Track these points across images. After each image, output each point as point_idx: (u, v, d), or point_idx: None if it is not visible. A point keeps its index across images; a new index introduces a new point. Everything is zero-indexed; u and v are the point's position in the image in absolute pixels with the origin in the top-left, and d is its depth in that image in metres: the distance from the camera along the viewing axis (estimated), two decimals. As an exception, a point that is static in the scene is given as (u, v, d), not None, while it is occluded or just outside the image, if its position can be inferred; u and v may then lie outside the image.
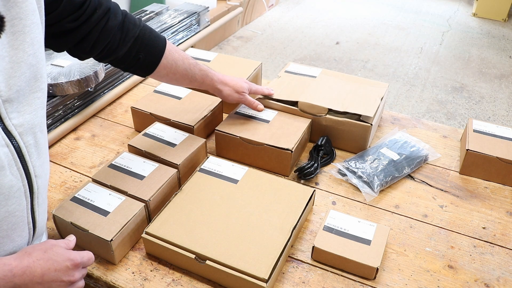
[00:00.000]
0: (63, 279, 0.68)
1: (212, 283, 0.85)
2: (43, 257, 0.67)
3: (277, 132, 1.13)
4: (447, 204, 1.05)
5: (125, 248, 0.90)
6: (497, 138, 1.15)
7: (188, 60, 1.02)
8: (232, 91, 1.11)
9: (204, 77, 1.06)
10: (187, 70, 1.02)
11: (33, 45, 0.62)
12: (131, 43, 0.90)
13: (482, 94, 3.13)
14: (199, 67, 1.04)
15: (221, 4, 3.59)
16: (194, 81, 1.05)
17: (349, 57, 3.61)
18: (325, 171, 1.14)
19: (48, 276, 0.66)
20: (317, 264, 0.90)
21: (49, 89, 1.22)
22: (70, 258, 0.70)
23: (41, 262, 0.66)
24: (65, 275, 0.68)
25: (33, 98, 0.65)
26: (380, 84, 1.30)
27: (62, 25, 0.78)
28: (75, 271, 0.70)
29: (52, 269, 0.66)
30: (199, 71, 1.04)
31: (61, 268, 0.68)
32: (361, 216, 1.01)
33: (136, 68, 0.96)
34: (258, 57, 3.59)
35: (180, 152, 1.06)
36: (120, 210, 0.90)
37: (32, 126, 0.65)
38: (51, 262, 0.67)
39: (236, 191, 0.97)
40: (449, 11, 4.60)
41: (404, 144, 1.18)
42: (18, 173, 0.64)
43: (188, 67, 1.02)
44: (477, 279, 0.88)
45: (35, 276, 0.64)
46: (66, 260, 0.69)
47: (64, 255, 0.69)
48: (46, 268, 0.66)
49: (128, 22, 0.89)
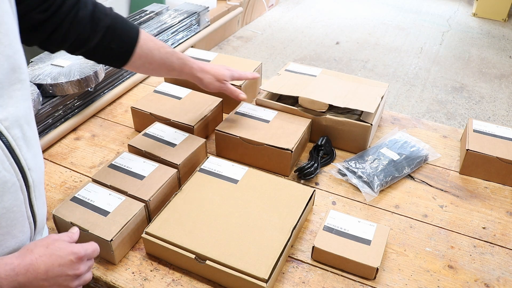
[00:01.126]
0: (68, 273, 0.67)
1: (212, 283, 0.85)
2: (45, 252, 0.66)
3: (277, 132, 1.13)
4: (447, 204, 1.05)
5: (125, 248, 0.90)
6: (497, 138, 1.15)
7: (164, 49, 0.98)
8: (213, 79, 1.07)
9: (182, 65, 1.02)
10: (164, 59, 0.98)
11: (7, 36, 0.60)
12: (102, 32, 0.87)
13: (482, 94, 3.13)
14: (177, 55, 1.01)
15: (221, 4, 3.59)
16: (172, 70, 1.01)
17: (349, 57, 3.61)
18: (325, 171, 1.14)
19: (52, 272, 0.65)
20: (317, 264, 0.90)
21: (49, 89, 1.22)
22: (74, 251, 0.68)
23: (44, 258, 0.65)
24: (69, 269, 0.67)
25: (13, 90, 0.63)
26: (380, 84, 1.30)
27: (31, 17, 0.76)
28: (79, 264, 0.69)
29: (56, 264, 0.66)
30: (177, 59, 1.01)
31: (65, 262, 0.67)
32: (361, 216, 1.01)
33: (109, 59, 0.93)
34: (258, 57, 3.59)
35: (180, 152, 1.06)
36: (120, 210, 0.90)
37: (16, 119, 0.63)
38: (54, 258, 0.66)
39: (236, 191, 0.97)
40: (449, 11, 4.60)
41: (404, 144, 1.18)
42: (11, 167, 0.62)
43: (165, 56, 0.98)
44: (477, 279, 0.88)
45: (39, 273, 0.64)
46: (70, 254, 0.68)
47: (67, 249, 0.68)
48: (50, 264, 0.65)
49: (99, 11, 0.86)
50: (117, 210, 0.90)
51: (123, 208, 0.91)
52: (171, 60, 1.00)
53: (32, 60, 1.33)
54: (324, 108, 1.18)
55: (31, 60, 1.33)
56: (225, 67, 1.12)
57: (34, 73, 1.25)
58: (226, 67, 1.12)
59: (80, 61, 1.31)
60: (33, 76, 1.24)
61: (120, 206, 0.91)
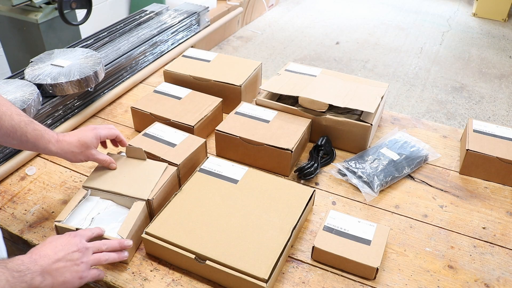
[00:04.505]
0: (72, 249, 0.76)
1: (212, 283, 0.85)
2: (47, 242, 0.76)
3: (277, 132, 1.13)
4: (447, 204, 1.05)
5: (134, 247, 0.90)
6: (497, 138, 1.15)
7: (19, 117, 0.85)
8: (75, 152, 0.92)
9: (38, 137, 0.87)
10: (15, 127, 0.84)
11: None
12: None
13: (482, 94, 3.13)
14: (34, 126, 0.87)
15: (221, 4, 3.59)
16: (25, 141, 0.87)
17: (349, 57, 3.61)
18: (325, 171, 1.14)
19: (60, 252, 0.74)
20: (317, 264, 0.90)
21: (49, 89, 1.22)
22: (69, 233, 0.79)
23: (46, 245, 0.75)
24: (72, 246, 0.76)
25: None
26: (380, 84, 1.30)
27: None
28: (76, 239, 0.78)
29: (59, 245, 0.75)
30: (32, 130, 0.87)
31: (65, 242, 0.76)
32: (361, 216, 1.01)
33: None
34: (258, 57, 3.59)
35: (180, 152, 1.06)
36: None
37: None
38: (55, 242, 0.76)
39: (236, 191, 0.97)
40: (449, 11, 4.60)
41: (404, 144, 1.18)
42: None
43: (17, 124, 0.85)
44: (477, 279, 0.88)
45: (50, 255, 0.73)
46: (67, 235, 0.78)
47: (64, 234, 0.79)
48: (54, 246, 0.75)
49: None
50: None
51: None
52: (25, 130, 0.86)
53: (32, 60, 1.33)
54: (324, 108, 1.18)
55: (31, 60, 1.33)
56: (91, 128, 0.95)
57: (34, 73, 1.25)
58: (91, 128, 0.96)
59: (80, 61, 1.31)
60: (33, 76, 1.24)
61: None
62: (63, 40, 2.21)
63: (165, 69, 1.40)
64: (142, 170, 0.98)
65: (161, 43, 1.65)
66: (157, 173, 0.97)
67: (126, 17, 1.76)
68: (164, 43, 1.67)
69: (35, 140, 0.87)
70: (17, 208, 1.02)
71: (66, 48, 1.42)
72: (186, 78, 1.36)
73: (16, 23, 2.10)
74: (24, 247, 0.97)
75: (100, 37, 1.60)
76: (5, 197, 1.05)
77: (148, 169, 0.98)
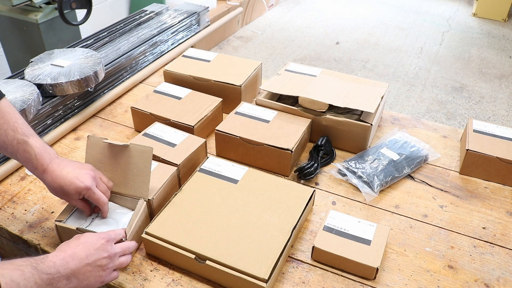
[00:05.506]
0: (103, 255, 0.76)
1: (212, 283, 0.85)
2: (80, 242, 0.75)
3: (277, 132, 1.13)
4: (447, 204, 1.05)
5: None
6: (497, 138, 1.15)
7: (15, 133, 0.81)
8: (53, 193, 0.85)
9: (26, 161, 0.83)
10: (6, 144, 0.82)
11: None
12: None
13: (482, 94, 3.13)
14: (25, 147, 0.82)
15: (221, 4, 3.59)
16: (16, 159, 0.84)
17: (349, 57, 3.61)
18: (325, 171, 1.14)
19: (92, 256, 0.74)
20: (317, 264, 0.90)
21: (49, 89, 1.22)
22: (101, 236, 0.78)
23: (80, 246, 0.74)
24: (103, 251, 0.76)
25: None
26: (380, 84, 1.30)
27: None
28: (109, 245, 0.78)
29: (92, 249, 0.75)
30: (22, 151, 0.82)
31: (98, 246, 0.76)
32: (361, 216, 1.01)
33: None
34: (258, 57, 3.59)
35: (180, 152, 1.06)
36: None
37: None
38: (88, 244, 0.75)
39: (236, 191, 0.97)
40: (449, 11, 4.60)
41: (404, 144, 1.18)
42: None
43: (10, 141, 0.81)
44: (477, 279, 0.87)
45: (82, 258, 0.73)
46: (99, 238, 0.77)
47: (95, 236, 0.78)
48: (87, 249, 0.74)
49: None
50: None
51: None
52: (16, 149, 0.82)
53: (32, 60, 1.33)
54: (324, 108, 1.18)
55: (31, 60, 1.33)
56: (89, 178, 0.84)
57: (34, 73, 1.25)
58: (90, 178, 0.84)
59: (80, 61, 1.31)
60: (33, 76, 1.24)
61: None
62: (63, 40, 2.21)
63: (165, 69, 1.40)
64: (142, 168, 0.98)
65: (161, 43, 1.65)
66: (148, 167, 0.92)
67: (126, 17, 1.76)
68: (164, 43, 1.67)
69: (24, 162, 0.83)
70: (17, 208, 1.02)
71: (66, 48, 1.42)
72: (186, 78, 1.36)
73: (16, 23, 2.10)
74: (24, 247, 0.97)
75: (100, 37, 1.60)
76: (5, 197, 1.05)
77: (143, 166, 0.94)
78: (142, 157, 0.91)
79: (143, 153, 0.91)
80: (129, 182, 0.93)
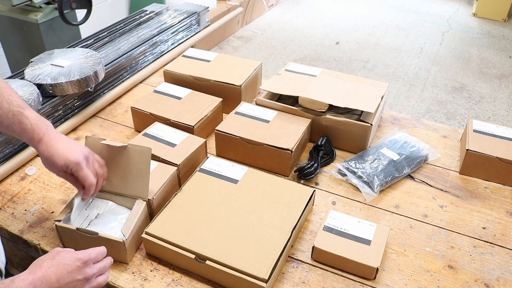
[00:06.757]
0: (78, 278, 0.72)
1: (212, 283, 0.85)
2: (53, 264, 0.71)
3: (277, 132, 1.13)
4: (447, 204, 1.05)
5: (134, 247, 0.90)
6: (497, 138, 1.15)
7: (9, 105, 0.81)
8: (44, 163, 0.84)
9: (22, 132, 0.82)
10: (1, 117, 0.81)
11: None
12: None
13: (482, 94, 3.13)
14: (21, 118, 0.81)
15: (221, 4, 3.59)
16: (12, 132, 0.83)
17: (349, 57, 3.61)
18: (325, 171, 1.14)
19: (63, 280, 0.70)
20: (317, 264, 0.90)
21: (49, 89, 1.22)
22: (78, 257, 0.73)
23: (52, 269, 0.70)
24: (78, 274, 0.72)
25: None
26: (380, 84, 1.30)
27: None
28: (86, 268, 0.73)
29: (65, 272, 0.70)
30: (18, 123, 0.81)
31: (72, 269, 0.72)
32: (361, 216, 1.01)
33: None
34: (258, 57, 3.59)
35: (180, 152, 1.06)
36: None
37: None
38: (62, 266, 0.71)
39: (236, 191, 0.97)
40: (449, 11, 4.60)
41: (404, 144, 1.18)
42: None
43: (5, 113, 0.81)
44: (477, 279, 0.87)
45: (52, 282, 0.68)
46: (75, 260, 0.73)
47: (72, 256, 0.73)
48: (59, 273, 0.70)
49: None
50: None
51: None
52: (11, 120, 0.81)
53: (32, 60, 1.33)
54: (324, 108, 1.18)
55: (31, 60, 1.33)
56: (80, 156, 0.82)
57: (34, 73, 1.25)
58: (81, 156, 0.82)
59: (80, 61, 1.31)
60: (33, 76, 1.24)
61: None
62: (63, 40, 2.21)
63: (165, 69, 1.40)
64: (141, 168, 0.98)
65: (161, 43, 1.65)
66: (148, 167, 0.92)
67: (126, 17, 1.76)
68: (164, 43, 1.67)
69: (20, 134, 0.83)
70: (17, 208, 1.02)
71: (66, 48, 1.42)
72: (186, 78, 1.36)
73: (16, 23, 2.10)
74: (24, 247, 0.97)
75: (100, 37, 1.60)
76: (5, 197, 1.05)
77: (142, 165, 0.95)
78: (141, 157, 0.91)
79: (141, 154, 0.91)
80: (128, 183, 0.93)
